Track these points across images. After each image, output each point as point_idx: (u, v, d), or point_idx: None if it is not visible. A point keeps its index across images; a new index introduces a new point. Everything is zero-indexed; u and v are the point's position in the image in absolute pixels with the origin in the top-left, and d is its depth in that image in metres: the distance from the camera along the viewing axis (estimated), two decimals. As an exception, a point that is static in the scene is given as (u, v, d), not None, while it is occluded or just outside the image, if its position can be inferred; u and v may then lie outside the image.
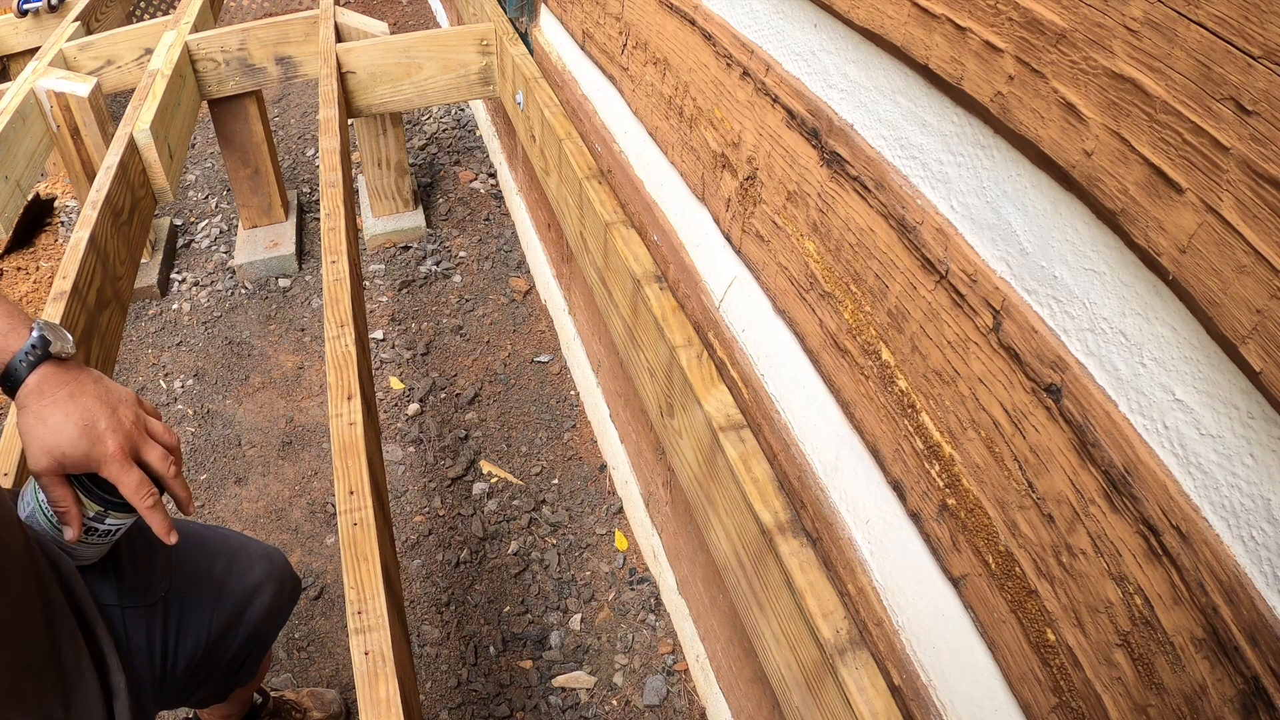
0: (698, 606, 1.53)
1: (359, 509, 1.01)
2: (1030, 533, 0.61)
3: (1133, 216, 0.49)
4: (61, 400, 0.74)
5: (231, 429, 2.22)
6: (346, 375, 1.20)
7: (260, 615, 1.05)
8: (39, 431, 0.73)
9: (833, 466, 0.92)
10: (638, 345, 1.37)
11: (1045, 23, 0.53)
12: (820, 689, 0.88)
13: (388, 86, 2.32)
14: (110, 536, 0.82)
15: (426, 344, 2.45)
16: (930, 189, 0.70)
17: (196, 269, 2.77)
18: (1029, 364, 0.60)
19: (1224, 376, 0.46)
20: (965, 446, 0.68)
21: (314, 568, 1.87)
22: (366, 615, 0.90)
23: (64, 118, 2.14)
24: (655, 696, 1.62)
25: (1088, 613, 0.57)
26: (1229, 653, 0.46)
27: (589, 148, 1.65)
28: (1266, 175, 0.40)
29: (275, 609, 1.09)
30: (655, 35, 1.24)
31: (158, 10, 4.27)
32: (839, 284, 0.84)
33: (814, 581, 0.90)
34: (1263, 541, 0.45)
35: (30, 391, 0.74)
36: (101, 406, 0.75)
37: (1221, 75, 0.42)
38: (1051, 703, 0.61)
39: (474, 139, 3.38)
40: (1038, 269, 0.59)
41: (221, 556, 1.03)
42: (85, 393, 0.75)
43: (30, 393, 0.74)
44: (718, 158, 1.09)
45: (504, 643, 1.71)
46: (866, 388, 0.81)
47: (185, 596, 0.95)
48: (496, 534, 1.92)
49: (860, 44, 0.76)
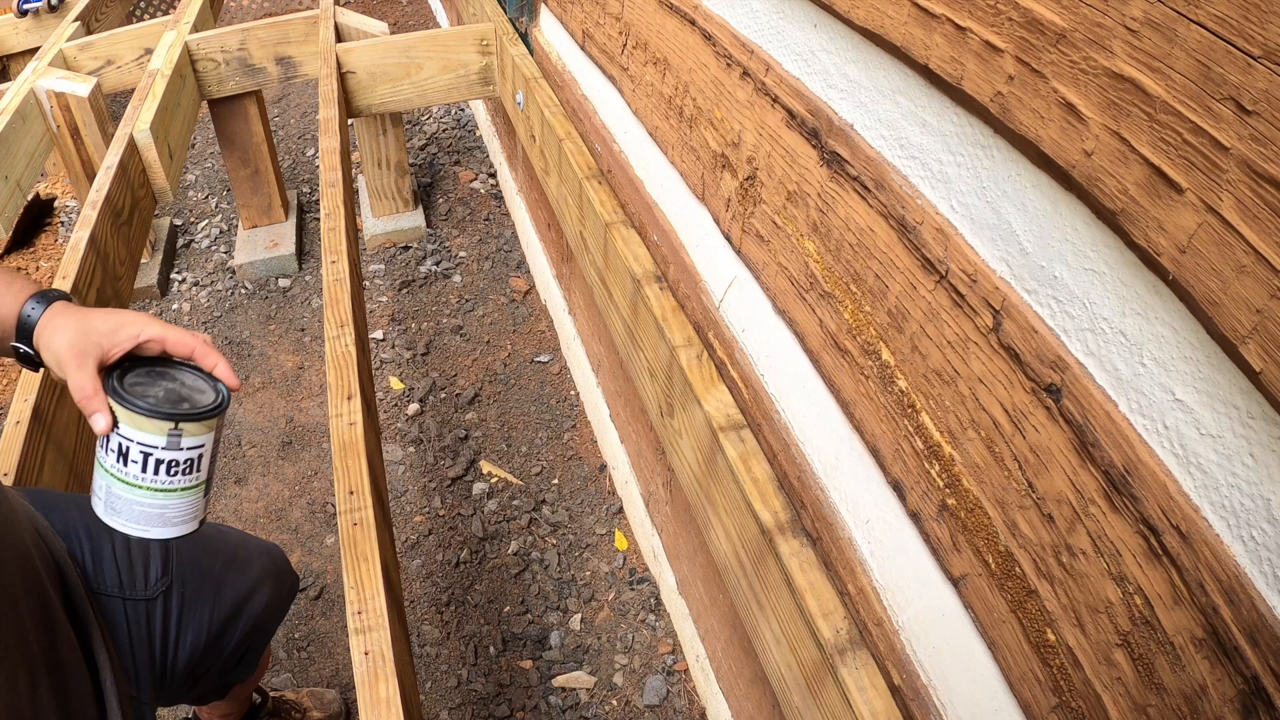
0: (698, 606, 1.53)
1: (359, 509, 1.01)
2: (1030, 533, 0.61)
3: (1133, 216, 0.49)
4: (78, 311, 0.73)
5: (231, 429, 2.22)
6: (346, 375, 1.20)
7: (259, 610, 1.05)
8: (62, 335, 0.70)
9: (833, 466, 0.92)
10: (638, 345, 1.37)
11: (1045, 23, 0.53)
12: (820, 689, 0.88)
13: (388, 86, 2.32)
14: (196, 469, 0.72)
15: (426, 344, 2.45)
16: (930, 189, 0.70)
17: (196, 269, 2.77)
18: (1029, 364, 0.60)
19: (1224, 376, 0.46)
20: (965, 446, 0.68)
21: (314, 568, 1.87)
22: (366, 615, 0.90)
23: (64, 118, 2.14)
24: (655, 696, 1.62)
25: (1088, 613, 0.57)
26: (1229, 653, 0.46)
27: (589, 148, 1.65)
28: (1266, 175, 0.40)
29: (274, 604, 1.09)
30: (655, 35, 1.24)
31: (158, 10, 4.27)
32: (839, 284, 0.84)
33: (814, 581, 0.90)
34: (1263, 541, 0.45)
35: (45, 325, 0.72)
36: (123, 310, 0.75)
37: (1221, 75, 0.42)
38: (1051, 703, 0.61)
39: (474, 139, 3.38)
40: (1038, 269, 0.59)
41: (221, 553, 1.04)
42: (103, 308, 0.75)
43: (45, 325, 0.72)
44: (718, 158, 1.09)
45: (504, 643, 1.71)
46: (866, 388, 0.81)
47: (186, 592, 0.96)
48: (496, 534, 1.92)
49: (860, 44, 0.76)
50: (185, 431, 0.70)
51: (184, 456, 0.70)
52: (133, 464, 0.69)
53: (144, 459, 0.69)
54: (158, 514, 0.71)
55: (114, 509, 0.71)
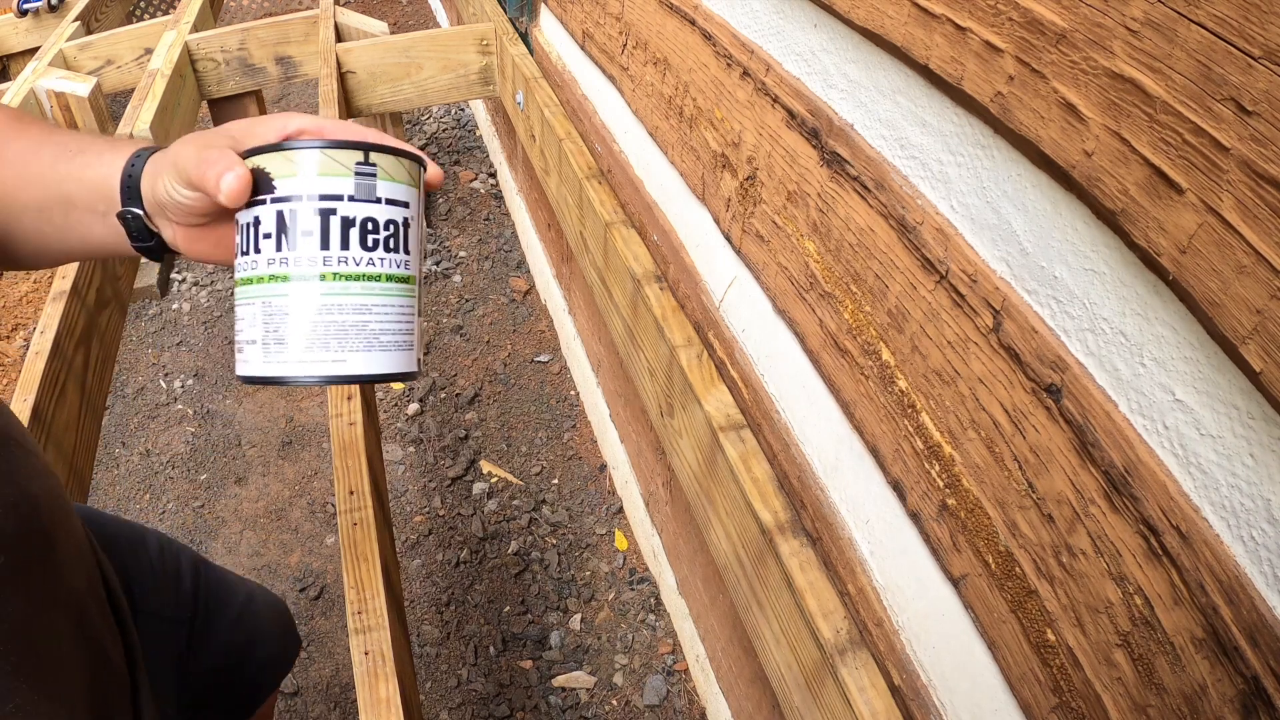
0: (698, 606, 1.53)
1: (359, 509, 1.01)
2: (1030, 533, 0.61)
3: (1133, 217, 0.49)
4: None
5: (231, 429, 2.22)
6: (346, 375, 1.20)
7: (264, 662, 1.01)
8: (178, 147, 0.52)
9: (833, 466, 0.92)
10: (638, 345, 1.37)
11: (1045, 23, 0.53)
12: (820, 689, 0.88)
13: (388, 86, 2.31)
14: (400, 245, 0.49)
15: (426, 344, 2.45)
16: (930, 189, 0.70)
17: (196, 269, 2.77)
18: (1029, 364, 0.60)
19: (1224, 377, 0.46)
20: (965, 446, 0.68)
21: (314, 568, 1.87)
22: (366, 615, 0.90)
23: (64, 117, 2.14)
24: (655, 696, 1.62)
25: (1088, 613, 0.57)
26: (1229, 653, 0.46)
27: (589, 148, 1.65)
28: (1267, 176, 0.40)
29: (277, 660, 1.05)
30: (655, 35, 1.24)
31: (158, 10, 4.27)
32: (839, 284, 0.84)
33: (814, 581, 0.90)
34: (1263, 542, 0.45)
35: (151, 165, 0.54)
36: None
37: (1222, 76, 0.42)
38: (1051, 703, 0.61)
39: (474, 139, 3.38)
40: (1038, 269, 0.59)
41: (240, 597, 0.99)
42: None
43: (151, 165, 0.54)
44: (718, 158, 1.09)
45: (504, 643, 1.71)
46: (866, 388, 0.81)
47: (206, 627, 0.92)
48: (496, 534, 1.92)
49: (860, 44, 0.76)
50: (380, 169, 0.48)
51: (383, 215, 0.48)
52: (305, 238, 0.46)
53: (322, 223, 0.46)
54: (356, 322, 0.47)
55: (280, 338, 0.47)
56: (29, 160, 0.56)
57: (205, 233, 0.56)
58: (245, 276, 0.49)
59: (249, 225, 0.48)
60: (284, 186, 0.47)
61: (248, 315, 0.49)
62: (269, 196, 0.47)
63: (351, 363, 0.47)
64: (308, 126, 0.54)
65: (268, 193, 0.47)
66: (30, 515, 0.52)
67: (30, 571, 0.51)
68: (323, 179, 0.47)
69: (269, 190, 0.47)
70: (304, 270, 0.47)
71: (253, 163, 0.47)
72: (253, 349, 0.48)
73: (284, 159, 0.47)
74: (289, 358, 0.47)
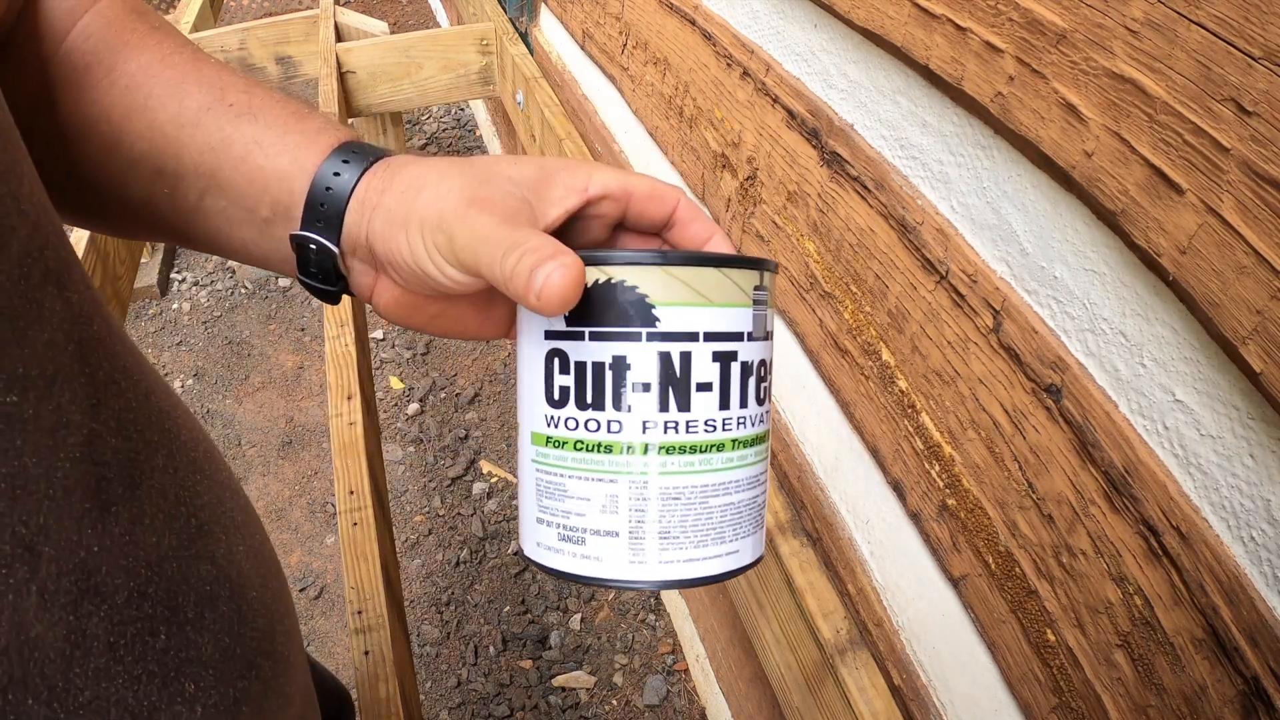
0: (697, 606, 1.53)
1: (359, 509, 1.01)
2: (1030, 533, 0.61)
3: (1133, 217, 0.49)
4: (438, 159, 0.37)
5: (231, 429, 2.22)
6: (346, 375, 1.20)
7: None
8: (445, 186, 0.35)
9: (833, 466, 0.92)
10: (638, 345, 1.37)
11: (1045, 23, 0.53)
12: (820, 689, 0.88)
13: (388, 86, 2.32)
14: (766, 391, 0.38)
15: (426, 344, 2.45)
16: (930, 189, 0.70)
17: (196, 269, 2.77)
18: (1029, 364, 0.60)
19: (1224, 377, 0.46)
20: (965, 447, 0.68)
21: (314, 568, 1.87)
22: (366, 615, 0.90)
23: (64, 117, 2.14)
24: (655, 696, 1.62)
25: (1088, 613, 0.57)
26: (1229, 653, 0.46)
27: (589, 148, 1.65)
28: (1267, 176, 0.40)
29: None
30: (655, 35, 1.24)
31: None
32: (839, 284, 0.84)
33: (814, 581, 0.90)
34: (1263, 542, 0.45)
35: (374, 189, 0.36)
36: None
37: (1222, 76, 0.42)
38: (1051, 703, 0.61)
39: (474, 139, 3.38)
40: (1038, 269, 0.59)
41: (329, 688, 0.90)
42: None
43: (374, 190, 0.36)
44: (718, 158, 1.09)
45: (504, 642, 1.71)
46: (866, 388, 0.81)
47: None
48: (496, 534, 1.92)
49: (860, 44, 0.76)
50: (769, 293, 0.36)
51: (770, 356, 0.37)
52: (701, 394, 0.34)
53: (722, 374, 0.34)
54: (749, 500, 0.36)
55: (664, 530, 0.34)
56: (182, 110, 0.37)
57: (428, 303, 0.40)
58: (594, 441, 0.35)
59: (599, 368, 0.34)
60: (671, 319, 0.33)
61: (596, 495, 0.35)
62: (645, 330, 0.33)
63: (744, 552, 0.36)
64: (613, 190, 0.38)
65: (641, 323, 0.33)
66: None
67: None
68: (722, 311, 0.34)
69: (643, 320, 0.33)
70: (701, 438, 0.34)
71: (605, 273, 0.33)
72: (607, 544, 0.34)
73: (666, 276, 0.33)
74: (675, 556, 0.34)
